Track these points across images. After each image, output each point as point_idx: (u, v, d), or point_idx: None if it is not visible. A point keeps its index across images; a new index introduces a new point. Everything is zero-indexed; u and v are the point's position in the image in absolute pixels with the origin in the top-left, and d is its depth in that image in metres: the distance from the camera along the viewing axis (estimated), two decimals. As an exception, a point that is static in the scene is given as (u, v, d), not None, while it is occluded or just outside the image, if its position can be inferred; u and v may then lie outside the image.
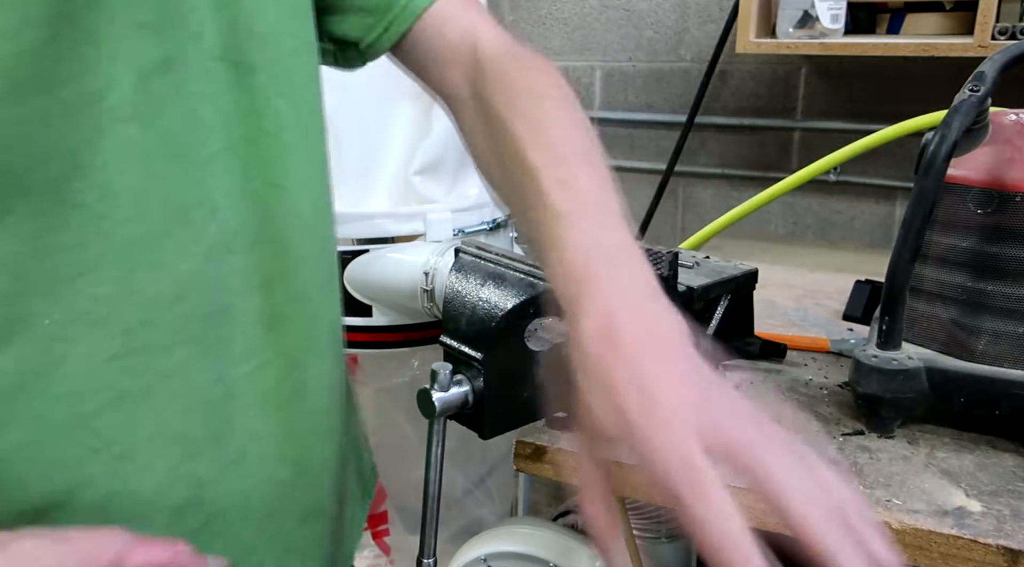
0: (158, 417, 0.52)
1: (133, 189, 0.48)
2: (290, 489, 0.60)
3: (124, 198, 0.48)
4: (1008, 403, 0.79)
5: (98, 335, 0.49)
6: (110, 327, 0.49)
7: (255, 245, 0.55)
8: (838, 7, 1.47)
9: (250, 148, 0.54)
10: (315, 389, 0.61)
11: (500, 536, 1.67)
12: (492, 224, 1.76)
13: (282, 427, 0.58)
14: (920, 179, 0.77)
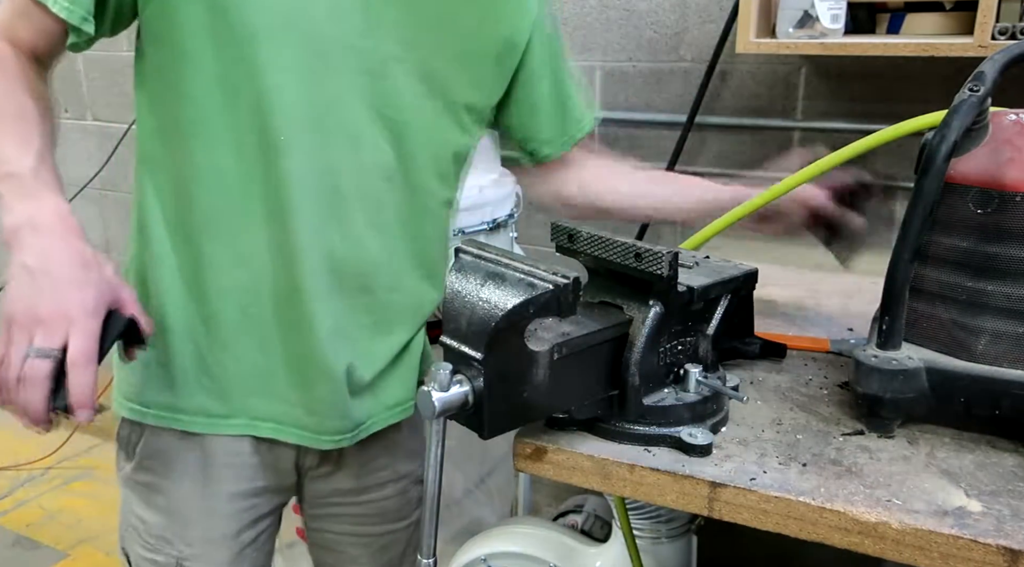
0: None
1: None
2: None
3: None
4: (1008, 403, 0.79)
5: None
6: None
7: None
8: (838, 7, 1.47)
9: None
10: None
11: (500, 536, 1.67)
12: (492, 224, 1.75)
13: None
14: (920, 179, 0.77)
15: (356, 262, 0.97)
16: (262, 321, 0.96)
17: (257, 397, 0.99)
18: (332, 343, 0.97)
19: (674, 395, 0.83)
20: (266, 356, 0.97)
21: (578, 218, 1.12)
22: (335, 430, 1.01)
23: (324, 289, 0.95)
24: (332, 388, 0.98)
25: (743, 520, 0.75)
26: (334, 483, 1.11)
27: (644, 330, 0.80)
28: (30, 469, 2.87)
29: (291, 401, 0.99)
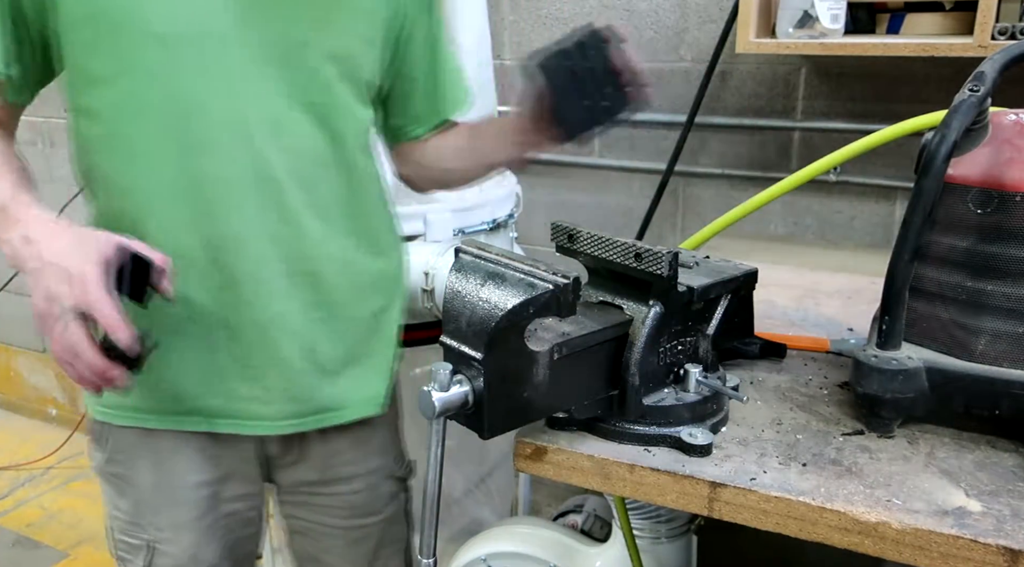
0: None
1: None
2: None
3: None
4: (1008, 403, 0.79)
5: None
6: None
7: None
8: (838, 7, 1.47)
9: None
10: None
11: (500, 536, 1.67)
12: (492, 224, 1.75)
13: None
14: (920, 179, 0.77)
15: (298, 246, 0.99)
16: (205, 319, 0.99)
17: (210, 396, 1.03)
18: (279, 329, 1.01)
19: (674, 395, 0.83)
20: (213, 353, 1.01)
21: (427, 181, 1.20)
22: (290, 414, 1.05)
23: (265, 277, 0.98)
24: (284, 374, 1.02)
25: (743, 520, 0.75)
26: (299, 473, 1.14)
27: (644, 330, 0.80)
28: (30, 469, 2.87)
29: (243, 396, 1.03)
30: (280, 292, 1.00)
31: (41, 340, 3.31)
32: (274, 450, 1.11)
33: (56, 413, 3.19)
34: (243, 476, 1.11)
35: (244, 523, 1.15)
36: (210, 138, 0.93)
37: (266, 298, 0.99)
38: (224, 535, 1.12)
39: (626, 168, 1.99)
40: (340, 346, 1.06)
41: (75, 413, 3.10)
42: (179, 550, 1.09)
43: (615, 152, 1.99)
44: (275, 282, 0.99)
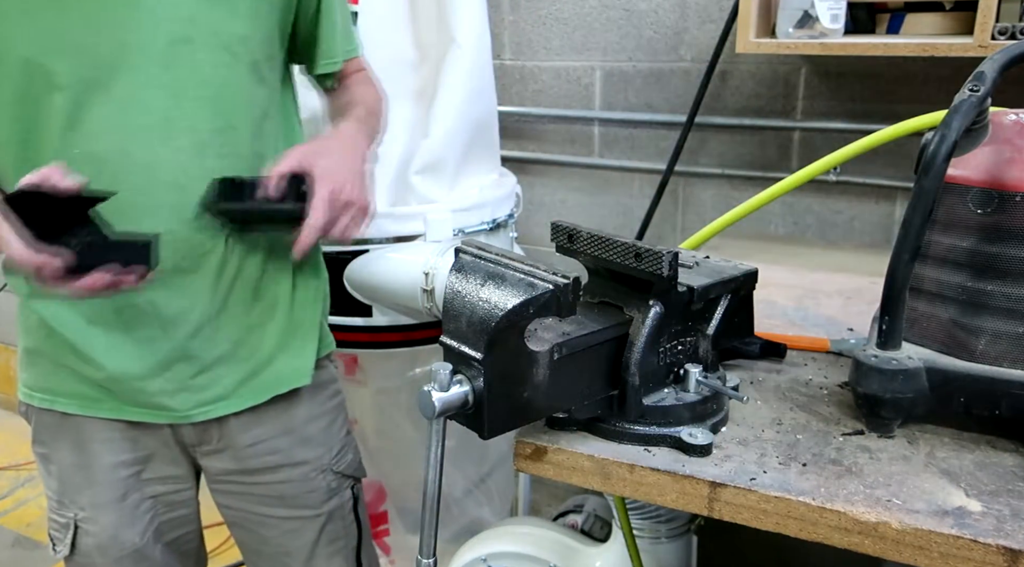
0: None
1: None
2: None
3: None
4: (1008, 403, 0.79)
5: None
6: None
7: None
8: (838, 7, 1.47)
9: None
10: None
11: (500, 536, 1.67)
12: (492, 224, 1.76)
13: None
14: (920, 179, 0.77)
15: (189, 251, 1.01)
16: (102, 314, 1.02)
17: (116, 384, 1.06)
18: (179, 323, 1.03)
19: (674, 395, 0.83)
20: (113, 346, 1.03)
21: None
22: (199, 402, 1.08)
23: (161, 279, 0.99)
24: (188, 366, 1.05)
25: (743, 520, 0.75)
26: (222, 462, 1.15)
27: (644, 330, 0.80)
28: (30, 469, 2.87)
29: (149, 388, 1.05)
30: (181, 290, 1.02)
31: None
32: (191, 438, 1.13)
33: (56, 413, 3.19)
34: (165, 458, 1.13)
35: (170, 506, 1.16)
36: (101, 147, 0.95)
37: (163, 292, 1.01)
38: (149, 517, 1.14)
39: (626, 168, 1.99)
40: (247, 329, 1.09)
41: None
42: (100, 529, 1.12)
43: (615, 152, 1.99)
44: (171, 276, 1.00)
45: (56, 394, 1.09)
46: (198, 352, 1.06)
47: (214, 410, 1.09)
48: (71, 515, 1.13)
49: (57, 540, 1.15)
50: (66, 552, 1.14)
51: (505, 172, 1.90)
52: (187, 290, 1.03)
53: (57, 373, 1.08)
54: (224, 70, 1.00)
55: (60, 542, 1.15)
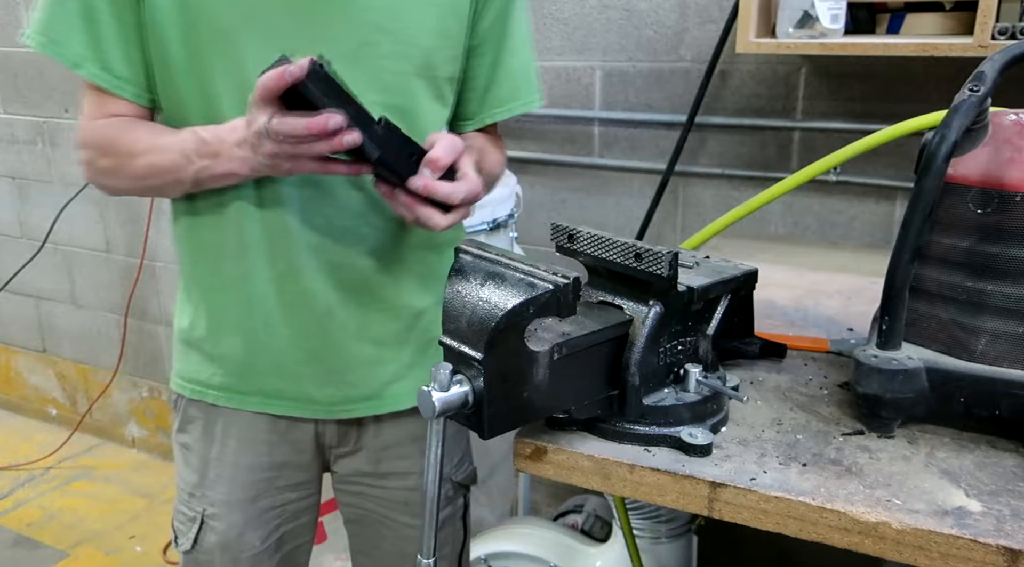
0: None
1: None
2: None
3: None
4: (1008, 403, 0.79)
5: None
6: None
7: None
8: (838, 7, 1.47)
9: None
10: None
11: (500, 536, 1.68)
12: (492, 224, 1.76)
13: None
14: (920, 179, 0.77)
15: (345, 239, 1.04)
16: (265, 304, 1.05)
17: (269, 377, 1.08)
18: (334, 315, 1.05)
19: (674, 395, 0.83)
20: (273, 336, 1.06)
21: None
22: (343, 399, 1.10)
23: (316, 266, 1.03)
24: (340, 358, 1.07)
25: (743, 520, 0.75)
26: (356, 464, 1.17)
27: (644, 330, 0.80)
28: (30, 469, 2.87)
29: (302, 378, 1.08)
30: (336, 281, 1.04)
31: (41, 340, 3.31)
32: (331, 438, 1.14)
33: (56, 413, 3.19)
34: (298, 465, 1.15)
35: (295, 514, 1.17)
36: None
37: (320, 289, 1.04)
38: (274, 524, 1.15)
39: (626, 168, 1.99)
40: (394, 332, 1.10)
41: (75, 413, 3.10)
42: (226, 527, 1.13)
43: (615, 152, 1.99)
44: (326, 272, 1.04)
45: (204, 385, 1.11)
46: (352, 347, 1.08)
47: (358, 409, 1.11)
48: (200, 509, 1.14)
49: (180, 533, 1.16)
50: (188, 546, 1.15)
51: (505, 172, 1.90)
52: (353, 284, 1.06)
53: (210, 364, 1.10)
54: (404, 79, 1.01)
55: (183, 535, 1.16)
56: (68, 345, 3.09)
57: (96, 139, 1.02)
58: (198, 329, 1.10)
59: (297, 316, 1.05)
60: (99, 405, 3.02)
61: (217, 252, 1.05)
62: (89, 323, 3.00)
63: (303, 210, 1.02)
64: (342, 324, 1.06)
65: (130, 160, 0.99)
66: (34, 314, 3.13)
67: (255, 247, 1.03)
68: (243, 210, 1.02)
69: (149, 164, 0.99)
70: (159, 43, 0.97)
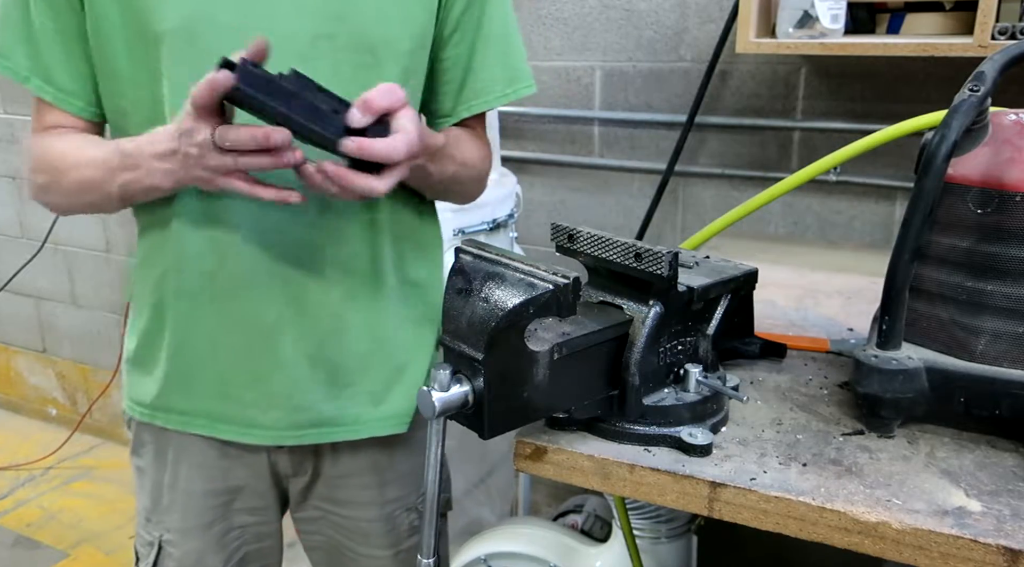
0: None
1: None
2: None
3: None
4: (1008, 403, 0.79)
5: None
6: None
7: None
8: (838, 7, 1.47)
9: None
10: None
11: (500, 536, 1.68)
12: (492, 224, 1.76)
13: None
14: (920, 179, 0.77)
15: (302, 249, 0.97)
16: (207, 321, 0.99)
17: (215, 399, 1.02)
18: (282, 334, 0.98)
19: (674, 395, 0.83)
20: (216, 356, 1.00)
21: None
22: (291, 425, 1.02)
23: (263, 281, 0.97)
24: (287, 380, 1.00)
25: (743, 520, 0.75)
26: (313, 493, 1.12)
27: (644, 330, 0.80)
28: (30, 469, 2.87)
29: (246, 401, 1.01)
30: (287, 297, 0.98)
31: (41, 340, 3.30)
32: (285, 467, 1.09)
33: (56, 413, 3.19)
34: (255, 491, 1.09)
35: (256, 538, 1.13)
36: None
37: (267, 303, 0.97)
38: (233, 547, 1.11)
39: (626, 168, 1.99)
40: (354, 355, 1.02)
41: (75, 413, 3.10)
42: (183, 554, 1.09)
43: (615, 152, 1.99)
44: (275, 284, 0.97)
45: (152, 408, 1.06)
46: (301, 369, 1.01)
47: (307, 436, 1.04)
48: (157, 534, 1.10)
49: (141, 556, 1.13)
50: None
51: (505, 172, 1.90)
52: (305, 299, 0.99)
53: (156, 385, 1.04)
54: (365, 72, 0.93)
55: (143, 559, 1.12)
56: (68, 345, 3.09)
57: (34, 154, 0.99)
58: (144, 348, 1.05)
59: (241, 335, 0.99)
60: (99, 405, 3.02)
61: (159, 266, 1.00)
62: (89, 323, 3.00)
63: (251, 219, 0.95)
64: (291, 344, 0.99)
65: (61, 175, 0.96)
66: (34, 314, 3.13)
67: (196, 260, 0.97)
68: (184, 220, 0.96)
69: (78, 179, 0.95)
70: (104, 53, 0.94)
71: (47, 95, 0.97)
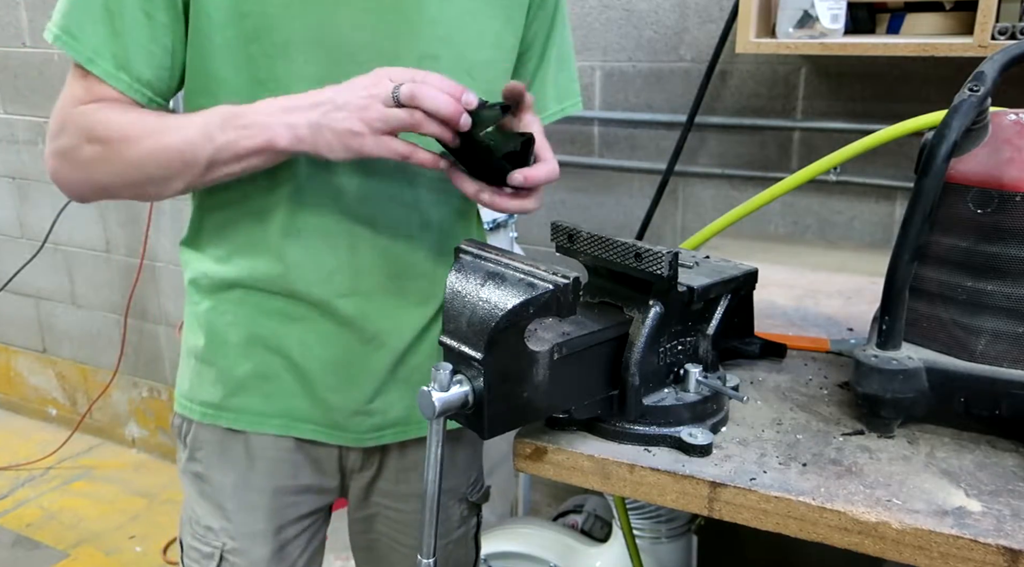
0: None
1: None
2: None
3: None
4: (1008, 403, 0.79)
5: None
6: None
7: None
8: (838, 7, 1.47)
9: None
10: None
11: (500, 536, 1.68)
12: (492, 224, 1.76)
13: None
14: (920, 179, 0.77)
15: (404, 240, 0.99)
16: (303, 323, 0.98)
17: (298, 399, 1.01)
18: (381, 345, 1.00)
19: (674, 395, 0.83)
20: (307, 358, 1.00)
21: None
22: (373, 427, 1.03)
23: (377, 280, 0.98)
24: (376, 385, 1.01)
25: (743, 520, 0.75)
26: (376, 485, 1.11)
27: (644, 330, 0.80)
28: (30, 469, 2.87)
29: (331, 405, 1.01)
30: (387, 309, 0.99)
31: (41, 340, 3.30)
32: (354, 462, 1.09)
33: (56, 413, 3.19)
34: (320, 490, 1.09)
35: (313, 545, 1.12)
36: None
37: (377, 303, 0.98)
38: (294, 556, 1.09)
39: (626, 168, 1.99)
40: (430, 360, 1.04)
41: (75, 413, 3.10)
42: (249, 563, 1.05)
43: (615, 152, 1.99)
44: (377, 295, 0.98)
45: (223, 409, 1.02)
46: (394, 376, 1.03)
47: (385, 437, 1.05)
48: (219, 544, 1.05)
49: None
50: None
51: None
52: (396, 310, 1.00)
53: (228, 384, 1.01)
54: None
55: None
56: (68, 345, 3.09)
57: (84, 123, 0.89)
58: (216, 344, 1.01)
59: (338, 341, 0.98)
60: (99, 405, 3.02)
61: (252, 252, 0.97)
62: (89, 323, 3.00)
63: (364, 200, 0.95)
64: (387, 354, 1.01)
65: (126, 145, 0.88)
66: (34, 314, 3.13)
67: (302, 247, 0.95)
68: (293, 196, 0.94)
69: (152, 147, 0.87)
70: (201, 51, 0.90)
71: (118, 83, 0.89)
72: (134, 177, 0.90)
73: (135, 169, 0.89)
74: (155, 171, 0.88)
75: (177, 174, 0.88)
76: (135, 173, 0.89)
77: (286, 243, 0.95)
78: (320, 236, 0.95)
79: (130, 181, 0.90)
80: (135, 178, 0.90)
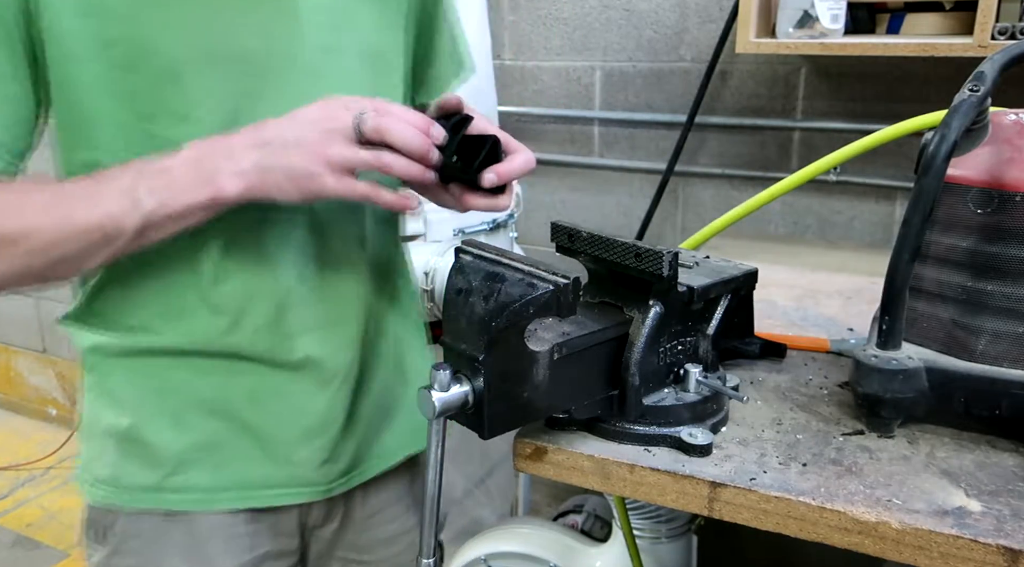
0: None
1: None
2: None
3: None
4: (1008, 403, 0.79)
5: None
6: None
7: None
8: (838, 7, 1.47)
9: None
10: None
11: (500, 536, 1.68)
12: (492, 224, 1.76)
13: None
14: (920, 179, 0.77)
15: (338, 282, 0.90)
16: (249, 375, 0.87)
17: (252, 462, 0.89)
18: (345, 382, 0.91)
19: (674, 395, 0.83)
20: (258, 415, 0.88)
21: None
22: (341, 472, 0.94)
23: (321, 322, 0.89)
24: (339, 429, 0.92)
25: (743, 520, 0.75)
26: (340, 543, 1.01)
27: (644, 330, 0.80)
28: (30, 469, 2.87)
29: (294, 460, 0.90)
30: (349, 339, 0.91)
31: (41, 340, 3.29)
32: (316, 518, 0.98)
33: (56, 413, 3.19)
34: (279, 554, 0.96)
35: None
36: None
37: (340, 349, 0.90)
38: None
39: (626, 168, 1.99)
40: (389, 390, 0.97)
41: (75, 413, 3.10)
42: None
43: (615, 152, 1.99)
44: (346, 329, 0.91)
45: (163, 490, 0.87)
46: (360, 412, 0.94)
47: (352, 479, 0.95)
48: None
49: None
50: None
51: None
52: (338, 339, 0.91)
53: (166, 463, 0.87)
54: (371, 80, 0.88)
55: None
56: (68, 345, 3.09)
57: None
58: (143, 419, 0.86)
59: (294, 387, 0.88)
60: (99, 405, 3.02)
61: (180, 313, 0.84)
62: (89, 323, 3.00)
63: (306, 261, 0.86)
64: (348, 387, 0.92)
65: (18, 234, 0.72)
66: (34, 314, 3.13)
67: (233, 299, 0.83)
68: (222, 237, 0.82)
69: (56, 230, 0.72)
70: (69, 98, 0.77)
71: None
72: (37, 267, 0.74)
73: (41, 255, 0.73)
74: (67, 252, 0.73)
75: (96, 251, 0.74)
76: (39, 261, 0.73)
77: (218, 292, 0.83)
78: (256, 273, 0.85)
79: (31, 272, 0.74)
80: (38, 268, 0.74)
